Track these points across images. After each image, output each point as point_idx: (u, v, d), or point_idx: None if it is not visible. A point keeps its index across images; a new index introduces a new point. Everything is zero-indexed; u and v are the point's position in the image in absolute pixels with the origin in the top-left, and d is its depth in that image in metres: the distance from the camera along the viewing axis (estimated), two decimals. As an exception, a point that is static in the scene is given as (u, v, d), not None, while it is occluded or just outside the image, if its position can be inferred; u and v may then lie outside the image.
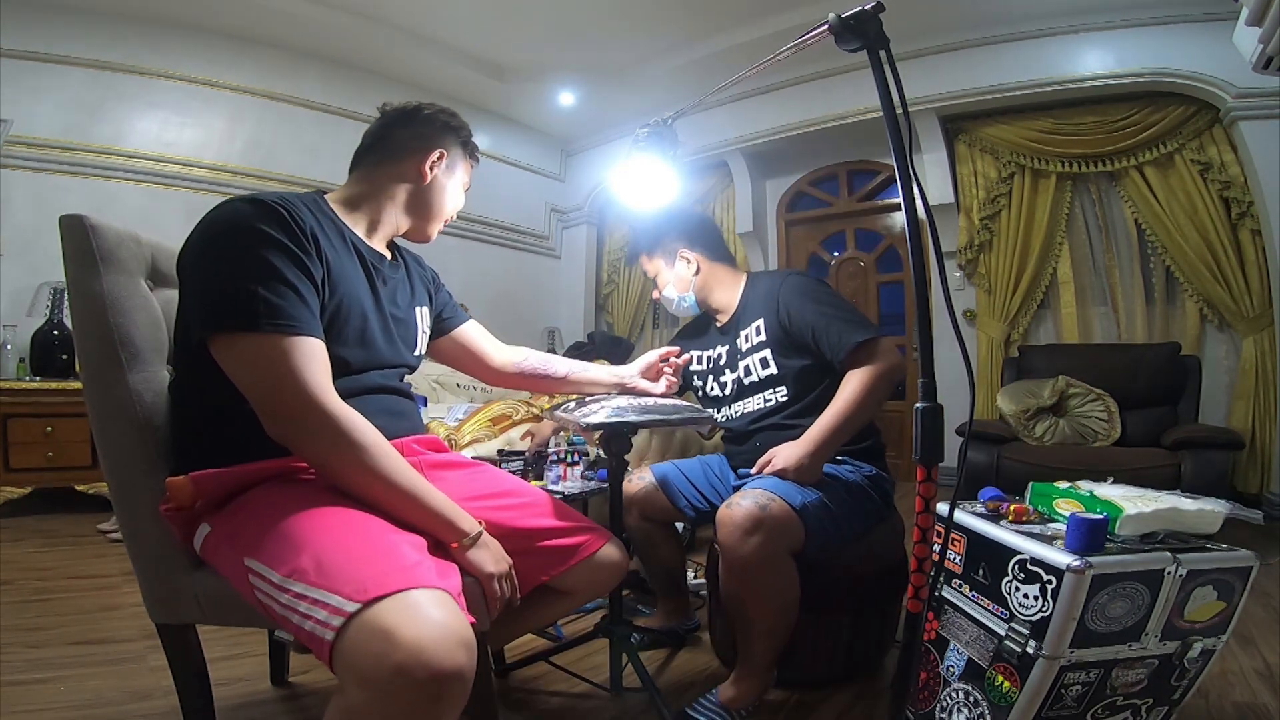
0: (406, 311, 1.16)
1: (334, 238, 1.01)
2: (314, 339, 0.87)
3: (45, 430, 3.12)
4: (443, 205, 1.19)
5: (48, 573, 2.30)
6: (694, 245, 1.68)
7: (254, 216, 0.88)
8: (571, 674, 1.57)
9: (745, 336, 1.62)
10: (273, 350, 0.83)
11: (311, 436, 0.85)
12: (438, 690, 0.65)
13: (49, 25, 3.64)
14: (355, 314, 1.00)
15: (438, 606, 0.70)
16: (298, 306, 0.86)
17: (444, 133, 1.16)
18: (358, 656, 0.66)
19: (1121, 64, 3.75)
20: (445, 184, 1.18)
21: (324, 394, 0.85)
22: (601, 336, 5.35)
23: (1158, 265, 3.86)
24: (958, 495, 0.93)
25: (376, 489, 0.88)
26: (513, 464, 1.95)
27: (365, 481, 0.87)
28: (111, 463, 0.96)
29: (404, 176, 1.13)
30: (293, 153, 4.45)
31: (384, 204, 1.13)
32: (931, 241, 1.01)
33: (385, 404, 1.07)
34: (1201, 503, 1.16)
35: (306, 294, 0.88)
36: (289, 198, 0.95)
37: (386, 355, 1.07)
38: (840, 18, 0.88)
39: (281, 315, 0.83)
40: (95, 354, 0.94)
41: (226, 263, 0.86)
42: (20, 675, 1.50)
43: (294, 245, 0.88)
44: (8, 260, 3.46)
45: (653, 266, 1.73)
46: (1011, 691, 1.09)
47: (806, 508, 1.34)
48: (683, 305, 1.70)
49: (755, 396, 1.62)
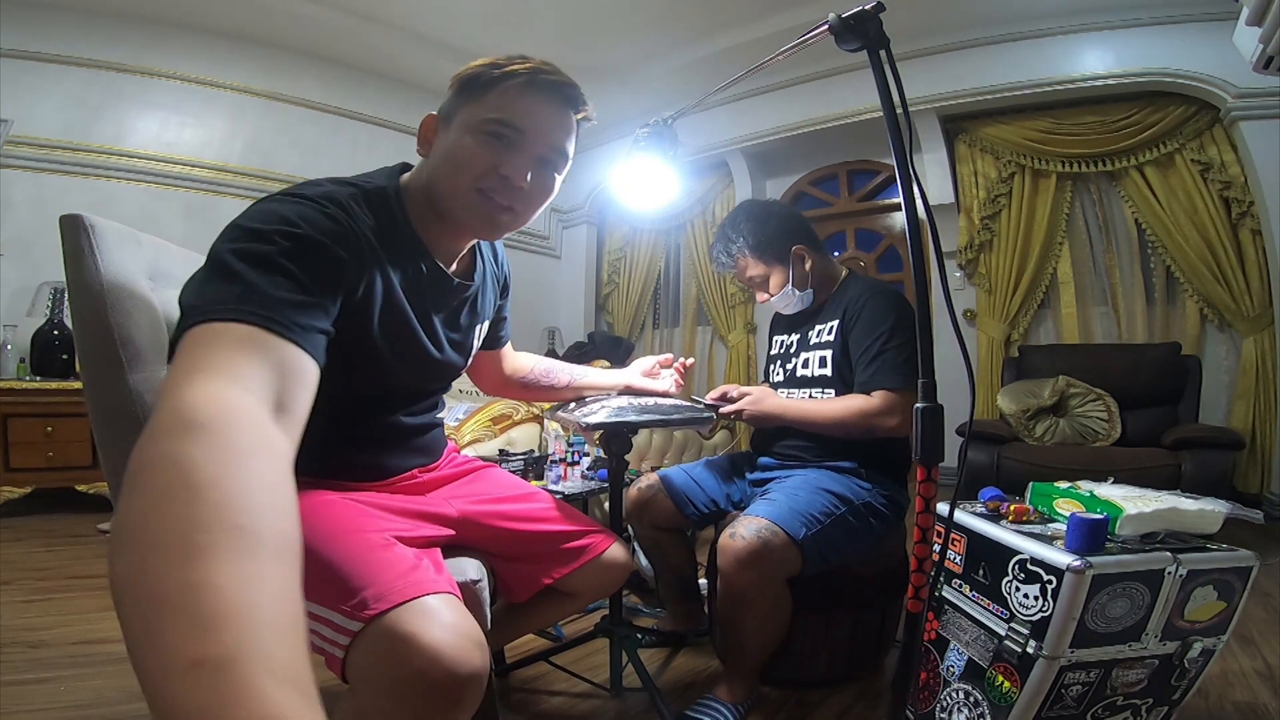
0: (465, 336, 1.04)
1: (390, 261, 0.84)
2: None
3: (45, 430, 3.12)
4: (455, 161, 0.86)
5: (48, 572, 2.30)
6: (803, 239, 1.67)
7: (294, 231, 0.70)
8: (571, 674, 1.57)
9: (818, 331, 1.64)
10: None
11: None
12: (458, 694, 0.65)
13: (49, 25, 3.65)
14: (399, 358, 0.90)
15: (450, 610, 0.70)
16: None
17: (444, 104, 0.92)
18: (374, 666, 0.66)
19: (1121, 64, 3.75)
20: (441, 144, 0.89)
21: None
22: (601, 337, 5.34)
23: (1158, 265, 3.86)
24: (958, 495, 0.93)
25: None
26: (512, 464, 1.95)
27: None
28: (112, 463, 0.96)
29: (421, 168, 0.93)
30: (293, 152, 4.45)
31: (432, 199, 0.90)
32: (932, 241, 1.01)
33: (419, 443, 1.06)
34: (1202, 503, 1.16)
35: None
36: (347, 205, 0.78)
37: (430, 387, 1.04)
38: (840, 18, 0.88)
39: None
40: (96, 354, 0.94)
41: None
42: (20, 675, 1.50)
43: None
44: (8, 260, 3.47)
45: (764, 268, 1.68)
46: (1011, 691, 1.09)
47: (808, 540, 1.34)
48: (801, 302, 1.69)
49: (802, 390, 1.65)
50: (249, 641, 0.33)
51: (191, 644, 0.32)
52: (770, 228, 1.67)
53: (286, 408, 0.54)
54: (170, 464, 0.41)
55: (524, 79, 0.86)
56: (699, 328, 5.65)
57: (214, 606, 0.34)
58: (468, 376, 1.25)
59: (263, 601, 0.36)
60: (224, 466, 0.42)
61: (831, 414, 1.52)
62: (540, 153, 0.89)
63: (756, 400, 1.60)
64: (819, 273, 1.68)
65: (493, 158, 0.85)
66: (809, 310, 1.70)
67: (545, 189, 0.93)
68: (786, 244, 1.66)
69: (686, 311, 5.70)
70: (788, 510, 1.37)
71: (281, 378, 0.56)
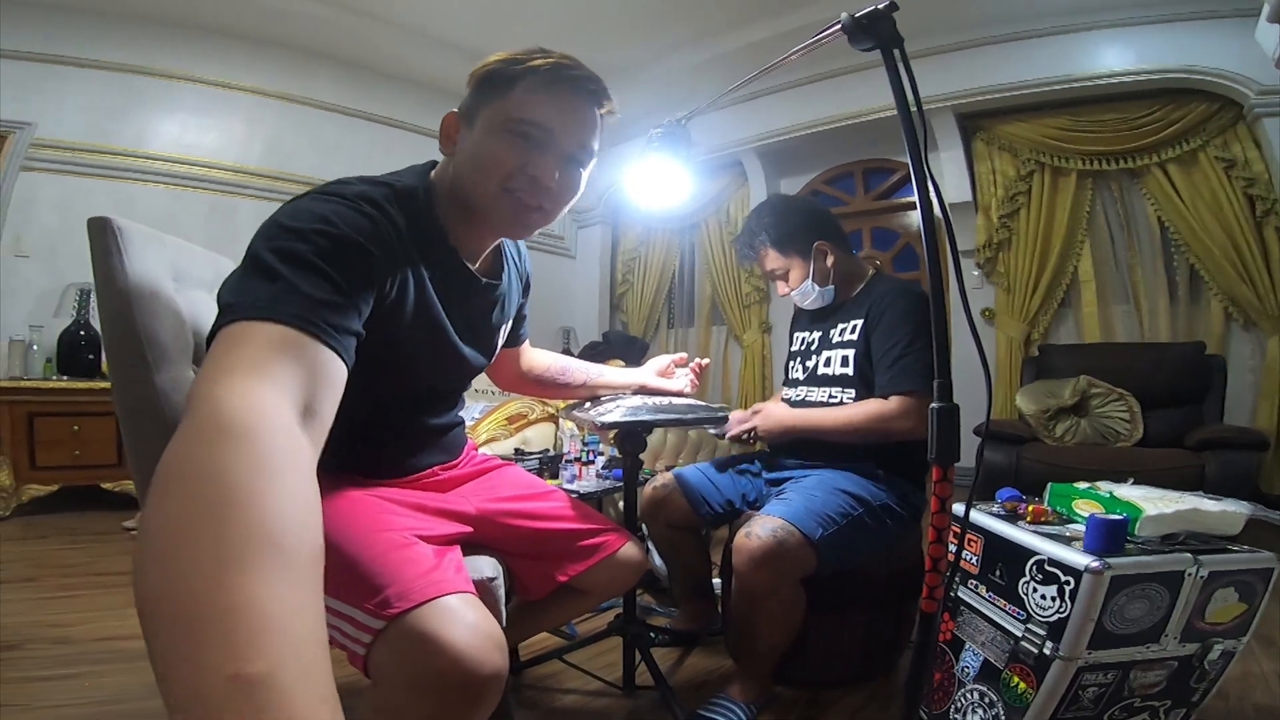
0: (493, 335, 1.05)
1: (420, 265, 0.84)
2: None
3: (72, 429, 3.18)
4: (481, 162, 0.86)
5: (73, 569, 2.34)
6: (827, 235, 1.67)
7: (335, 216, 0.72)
8: (585, 672, 1.58)
9: (841, 330, 1.63)
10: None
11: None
12: (479, 692, 0.66)
13: (71, 29, 3.70)
14: (426, 349, 0.90)
15: (470, 610, 0.71)
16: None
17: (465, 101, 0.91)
18: (396, 664, 0.67)
19: (1142, 61, 3.69)
20: (466, 143, 0.88)
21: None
22: (617, 336, 5.35)
23: (1181, 263, 3.79)
24: (974, 495, 0.92)
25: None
26: (528, 464, 1.97)
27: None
28: (138, 461, 0.98)
29: (445, 165, 0.92)
30: (311, 153, 4.49)
31: (459, 198, 0.90)
32: (948, 240, 1.01)
33: (442, 442, 1.07)
34: (1224, 504, 1.15)
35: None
36: (384, 206, 0.78)
37: (455, 386, 1.06)
38: (853, 17, 0.87)
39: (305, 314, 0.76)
40: (122, 354, 0.95)
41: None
42: (45, 670, 1.53)
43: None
44: (34, 262, 3.53)
45: (786, 263, 1.69)
46: (1027, 693, 1.08)
47: (824, 540, 1.34)
48: (821, 297, 1.69)
49: (823, 389, 1.64)
50: (290, 659, 0.34)
51: (231, 660, 0.33)
52: (793, 222, 1.67)
53: (314, 411, 0.55)
54: (206, 474, 0.42)
55: (547, 75, 0.84)
56: (714, 327, 5.64)
57: (254, 623, 0.35)
58: (485, 373, 1.24)
59: (299, 619, 0.37)
60: (260, 480, 0.42)
61: (845, 420, 1.51)
62: (568, 151, 0.88)
63: (767, 414, 1.61)
64: (843, 270, 1.67)
65: (520, 158, 0.84)
66: (832, 307, 1.69)
67: (573, 187, 0.92)
68: (809, 239, 1.65)
69: (701, 311, 5.70)
70: (804, 510, 1.37)
71: (312, 380, 0.56)
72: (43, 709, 1.36)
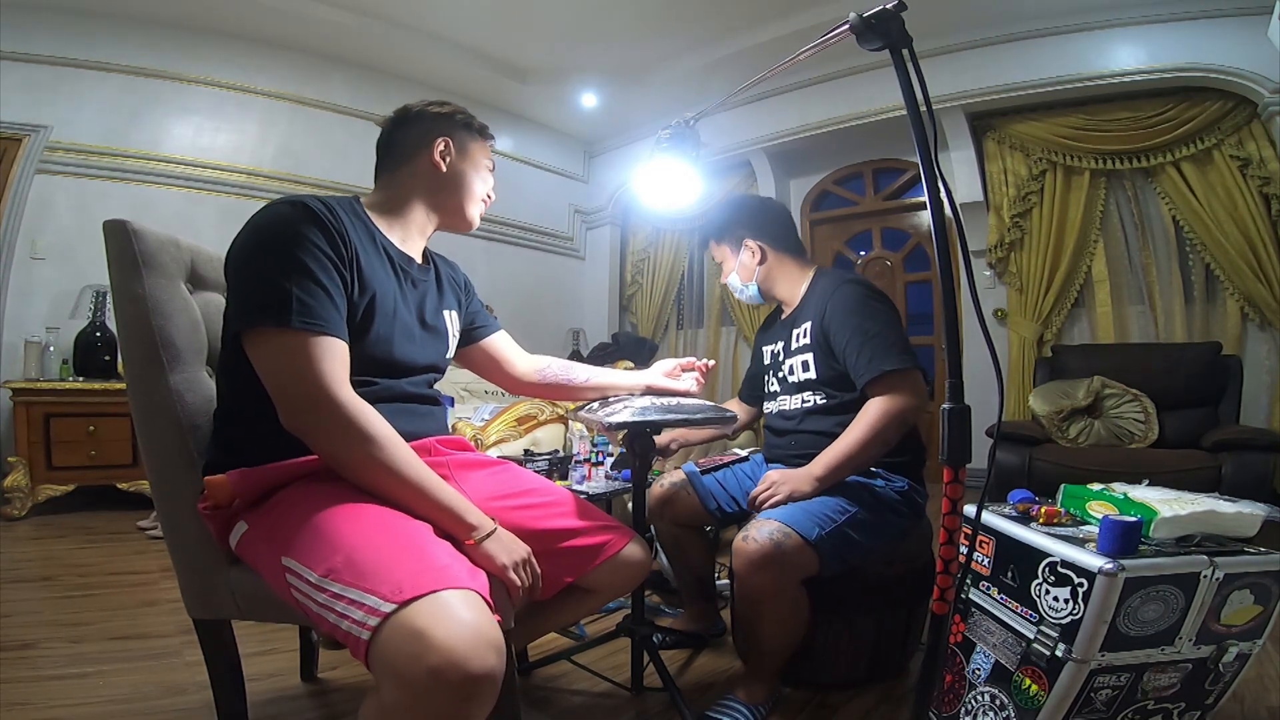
0: (435, 316, 1.17)
1: (366, 242, 1.02)
2: (338, 339, 0.90)
3: (88, 429, 3.22)
4: (470, 186, 1.18)
5: (88, 569, 2.37)
6: (759, 234, 1.67)
7: (295, 219, 0.91)
8: (593, 673, 1.58)
9: (795, 336, 1.63)
10: (299, 345, 0.85)
11: (324, 427, 0.87)
12: (470, 691, 0.67)
13: (88, 33, 3.75)
14: (384, 316, 1.01)
15: (468, 608, 0.71)
16: (327, 307, 0.89)
17: (439, 122, 1.16)
18: (393, 657, 0.67)
19: (1154, 59, 3.66)
20: (462, 167, 1.17)
21: (339, 387, 0.87)
22: (626, 337, 5.35)
23: (1196, 263, 3.75)
24: (985, 497, 0.92)
25: (385, 482, 0.89)
26: (537, 464, 1.97)
27: (374, 474, 0.88)
28: (153, 461, 0.99)
29: (420, 172, 1.14)
30: (323, 156, 4.53)
31: (410, 204, 1.14)
32: (959, 240, 1.00)
33: (411, 406, 1.08)
34: (1240, 505, 1.14)
35: (337, 296, 0.91)
36: (330, 202, 0.98)
37: (415, 357, 1.09)
38: (861, 17, 0.87)
39: (311, 314, 0.86)
40: (138, 355, 0.97)
41: (266, 262, 0.89)
42: (61, 669, 1.55)
43: (330, 249, 0.92)
44: (50, 264, 3.58)
45: (720, 253, 1.75)
46: (1039, 695, 1.07)
47: (822, 540, 1.33)
48: (746, 293, 1.72)
49: (794, 396, 1.64)
50: (435, 482, 0.92)
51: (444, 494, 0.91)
52: (725, 216, 1.73)
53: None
54: (377, 463, 0.88)
55: (481, 127, 1.22)
56: (723, 328, 5.63)
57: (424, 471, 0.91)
58: (481, 376, 1.42)
59: (426, 474, 0.92)
60: (401, 455, 0.90)
61: (859, 438, 1.42)
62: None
63: (787, 478, 1.47)
64: (778, 273, 1.68)
65: (488, 184, 1.24)
66: (788, 318, 1.69)
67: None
68: (738, 234, 1.69)
69: (710, 312, 5.69)
70: (800, 511, 1.36)
71: (345, 366, 0.90)
72: (57, 708, 1.37)
